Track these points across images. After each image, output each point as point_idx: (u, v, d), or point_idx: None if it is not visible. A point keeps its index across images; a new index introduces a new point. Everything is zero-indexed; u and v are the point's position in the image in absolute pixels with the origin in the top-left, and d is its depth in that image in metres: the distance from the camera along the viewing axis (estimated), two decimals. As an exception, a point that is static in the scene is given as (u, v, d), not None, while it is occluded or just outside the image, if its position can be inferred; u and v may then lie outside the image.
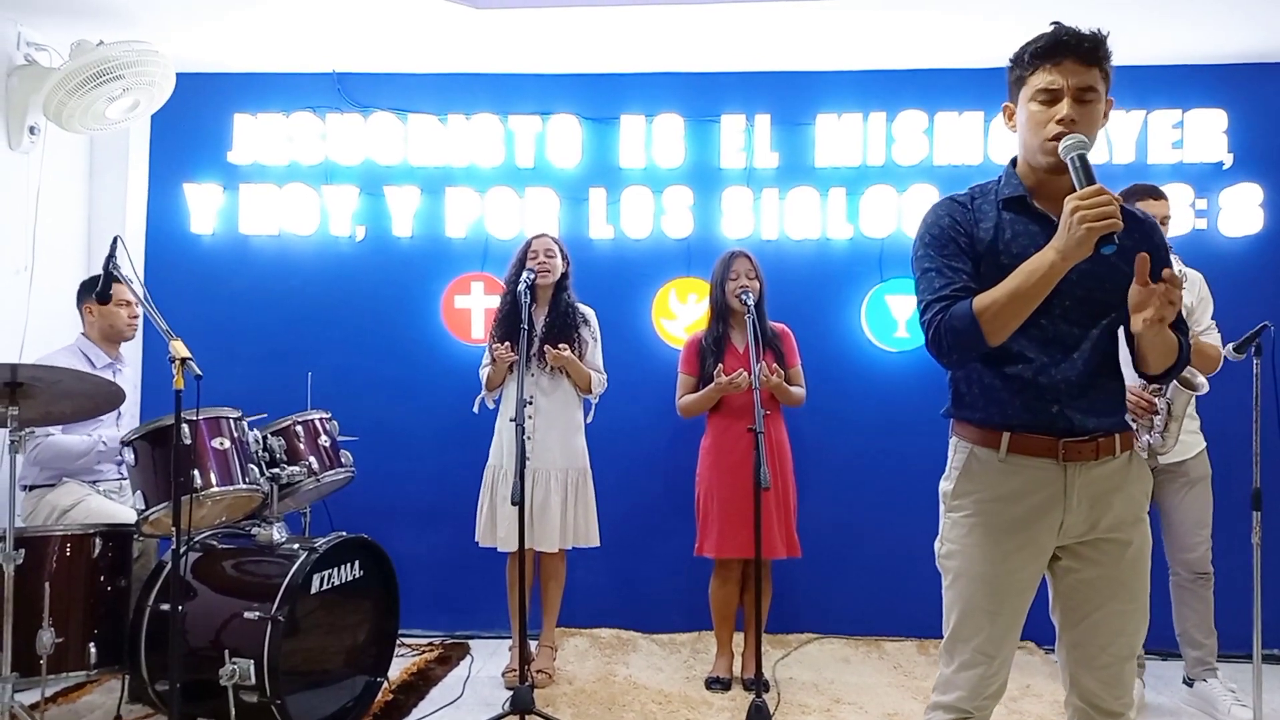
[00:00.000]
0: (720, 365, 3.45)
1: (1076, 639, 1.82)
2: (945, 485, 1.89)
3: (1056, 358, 1.76)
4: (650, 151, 4.24)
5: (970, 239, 1.81)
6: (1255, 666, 2.91)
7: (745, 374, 3.38)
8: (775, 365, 3.44)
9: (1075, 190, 1.62)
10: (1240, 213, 4.03)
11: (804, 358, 3.66)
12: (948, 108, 4.13)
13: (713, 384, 3.42)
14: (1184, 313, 3.10)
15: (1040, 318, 1.73)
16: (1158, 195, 3.22)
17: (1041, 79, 1.74)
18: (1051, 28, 1.76)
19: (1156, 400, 3.11)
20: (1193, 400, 3.19)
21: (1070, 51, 1.73)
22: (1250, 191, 4.03)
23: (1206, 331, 3.22)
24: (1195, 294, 3.27)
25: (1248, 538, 2.92)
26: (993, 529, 1.79)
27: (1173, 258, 3.05)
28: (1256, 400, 2.89)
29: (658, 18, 3.75)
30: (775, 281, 3.70)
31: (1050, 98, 1.73)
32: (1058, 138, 1.70)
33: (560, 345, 3.47)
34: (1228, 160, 4.06)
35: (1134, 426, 3.16)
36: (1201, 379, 3.01)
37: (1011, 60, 1.83)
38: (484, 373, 3.62)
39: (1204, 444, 3.28)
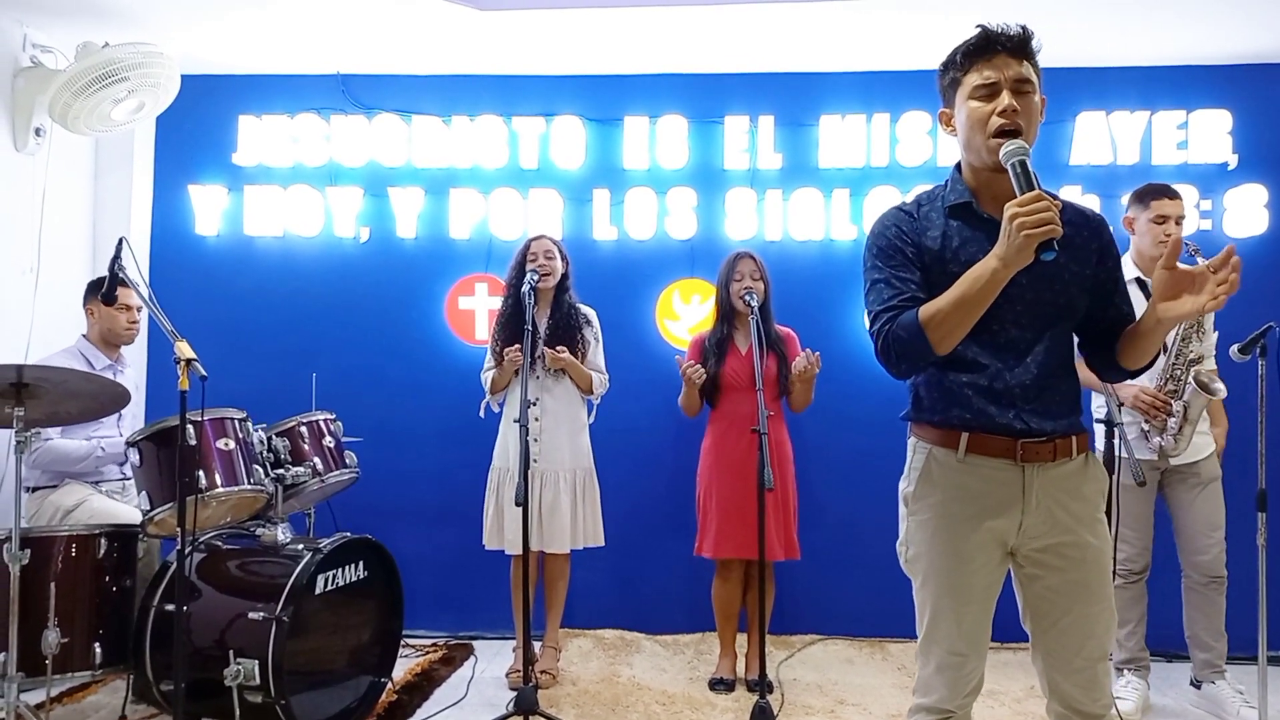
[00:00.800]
0: (680, 358, 3.48)
1: (1049, 646, 1.82)
2: (905, 487, 1.90)
3: (1010, 363, 1.77)
4: (654, 152, 4.25)
5: (917, 248, 1.82)
6: (1260, 668, 2.91)
7: (699, 366, 3.42)
8: (817, 354, 3.41)
9: (1017, 196, 1.61)
10: (1245, 214, 4.02)
11: (808, 358, 3.66)
12: (951, 108, 4.12)
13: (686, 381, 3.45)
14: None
15: (992, 324, 1.74)
16: (1173, 195, 3.20)
17: (977, 76, 1.75)
18: (978, 29, 1.77)
19: (1173, 403, 3.10)
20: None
21: (1001, 46, 1.74)
22: (1255, 192, 4.02)
23: (1208, 334, 3.24)
24: None
25: (1253, 539, 2.91)
26: (954, 530, 1.81)
27: (1199, 259, 3.04)
28: (1261, 401, 2.88)
29: (661, 19, 3.75)
30: (779, 282, 3.70)
31: (988, 92, 1.74)
32: (1001, 131, 1.70)
33: (559, 347, 3.48)
34: (1233, 161, 4.06)
35: (1145, 428, 3.17)
36: (1219, 384, 3.00)
37: (942, 65, 1.84)
38: (486, 377, 3.61)
39: (1215, 446, 3.27)
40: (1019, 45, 1.75)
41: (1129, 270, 3.25)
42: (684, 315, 4.23)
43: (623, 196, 4.24)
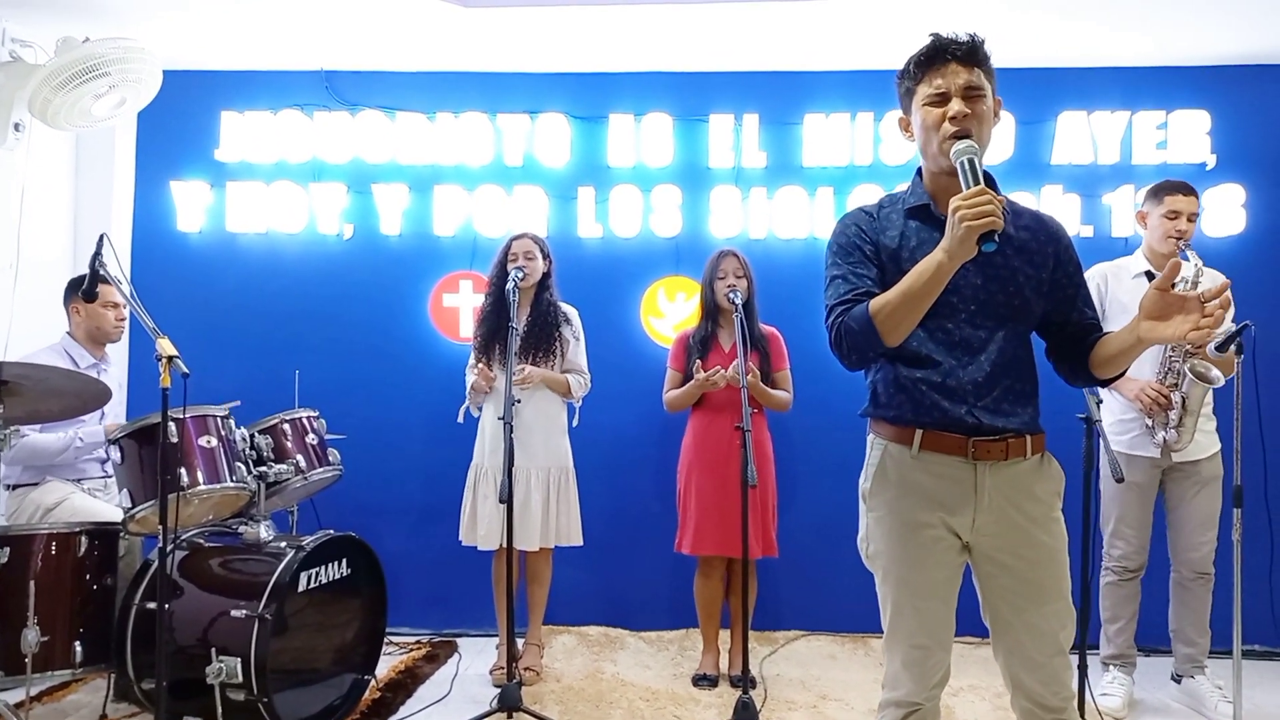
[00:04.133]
0: (699, 361, 3.46)
1: (1009, 644, 1.86)
2: (863, 484, 1.96)
3: (964, 360, 1.81)
4: (639, 150, 4.25)
5: (875, 246, 1.87)
6: (1235, 662, 2.94)
7: (722, 370, 3.40)
8: (749, 365, 3.44)
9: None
10: (1223, 213, 4.05)
11: (791, 356, 3.68)
12: (935, 108, 4.14)
13: (692, 380, 3.44)
14: None
15: (946, 322, 1.81)
16: (1187, 191, 3.21)
17: (928, 86, 1.82)
18: (930, 38, 1.84)
19: (1172, 395, 3.12)
20: (1210, 399, 3.20)
21: (951, 55, 1.81)
22: (1233, 192, 4.06)
23: (1223, 332, 3.22)
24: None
25: (1230, 534, 2.95)
26: (909, 526, 1.84)
27: (1191, 254, 3.07)
28: (1237, 399, 2.92)
29: (646, 17, 3.75)
30: (763, 281, 3.71)
31: (939, 99, 1.80)
32: (955, 135, 1.75)
33: (521, 367, 3.46)
34: (1211, 161, 4.09)
35: (1149, 423, 3.19)
36: (1217, 372, 3.02)
37: (898, 76, 1.91)
38: (470, 376, 3.62)
39: (1219, 445, 3.29)
40: (969, 53, 1.81)
41: (1138, 264, 3.27)
42: (669, 313, 4.24)
43: (608, 194, 4.24)
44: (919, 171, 1.94)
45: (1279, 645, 3.75)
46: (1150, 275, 3.20)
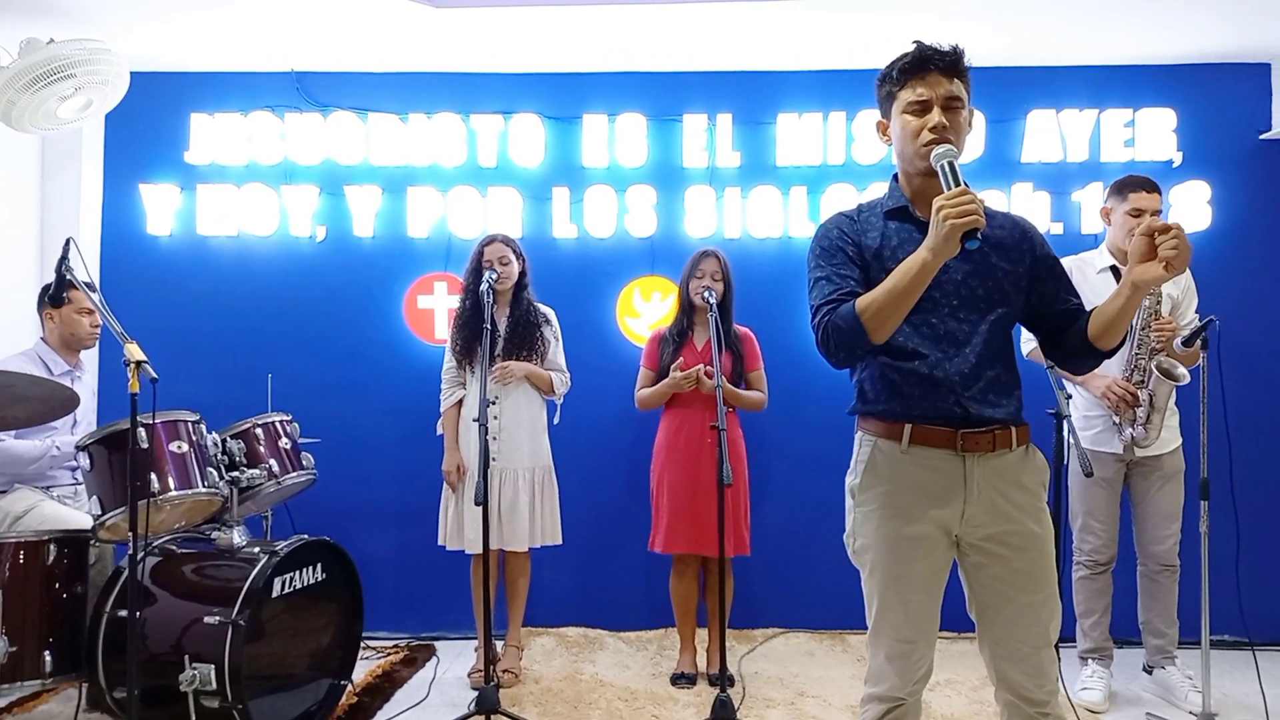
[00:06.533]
0: (680, 360, 3.47)
1: (995, 635, 1.89)
2: (851, 480, 1.98)
3: (950, 352, 1.86)
4: (613, 151, 4.25)
5: (858, 248, 1.92)
6: (1204, 653, 3.00)
7: (704, 366, 3.41)
8: (710, 369, 3.44)
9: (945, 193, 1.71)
10: (1189, 209, 4.10)
11: (767, 354, 3.69)
12: (906, 107, 4.17)
13: (667, 378, 3.45)
14: (1170, 306, 3.19)
15: (930, 316, 1.86)
16: (1151, 188, 3.23)
17: (911, 93, 1.87)
18: (914, 46, 1.88)
19: (1139, 392, 3.17)
20: (1173, 394, 3.25)
21: (934, 65, 1.85)
22: (1198, 189, 4.12)
23: (1189, 325, 3.26)
24: (1182, 287, 3.33)
25: (1198, 526, 3.00)
26: (898, 520, 1.87)
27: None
28: (1203, 393, 2.97)
29: (620, 17, 3.75)
30: (738, 280, 3.72)
31: (921, 108, 1.86)
32: (932, 143, 1.81)
33: (504, 364, 3.47)
34: (1177, 158, 4.15)
35: (1117, 420, 3.23)
36: (1182, 370, 3.07)
37: (879, 79, 1.96)
38: (448, 392, 3.60)
39: (1181, 439, 3.34)
40: (951, 64, 1.86)
41: (1103, 259, 3.32)
42: (644, 313, 4.24)
43: (582, 194, 4.24)
44: (895, 177, 1.99)
45: (1246, 635, 3.81)
46: (1115, 270, 3.24)
